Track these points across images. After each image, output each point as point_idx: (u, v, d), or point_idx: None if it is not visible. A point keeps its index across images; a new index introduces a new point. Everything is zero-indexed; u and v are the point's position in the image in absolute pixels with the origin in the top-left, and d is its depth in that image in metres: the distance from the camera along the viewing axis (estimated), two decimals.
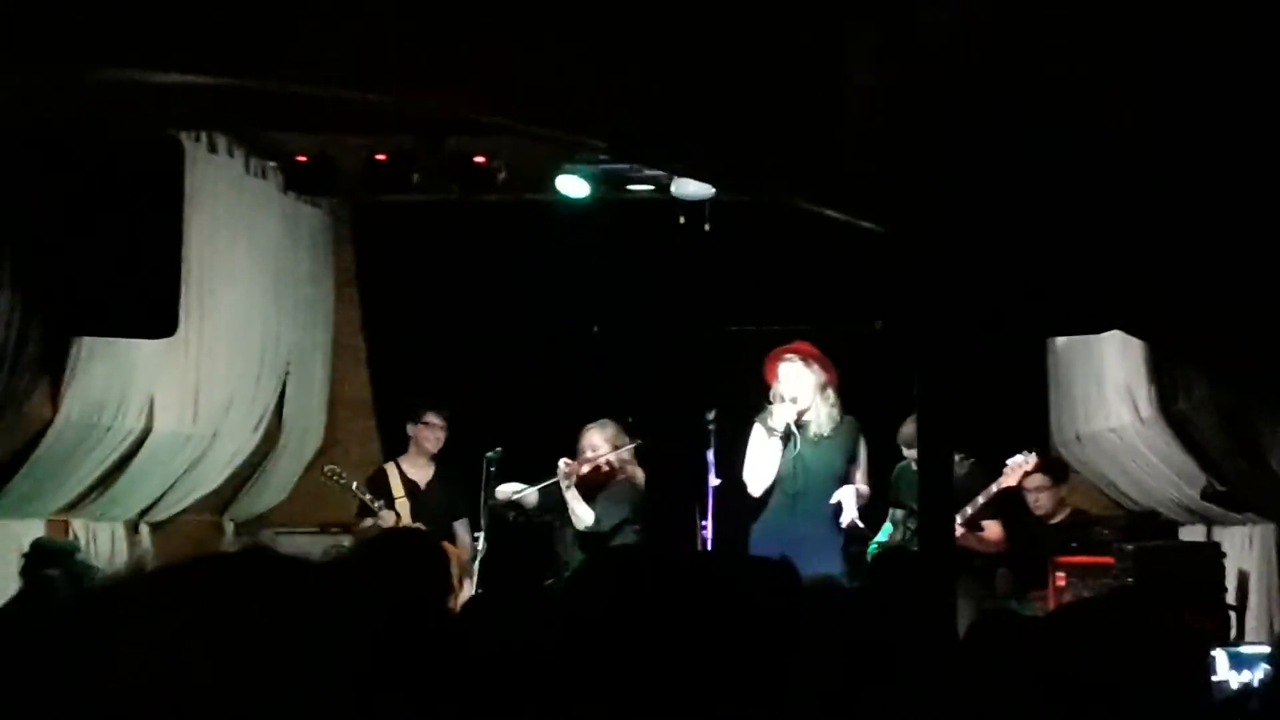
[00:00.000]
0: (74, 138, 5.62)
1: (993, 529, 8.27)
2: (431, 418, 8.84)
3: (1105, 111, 3.40)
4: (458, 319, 9.82)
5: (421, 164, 8.33)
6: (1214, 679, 5.86)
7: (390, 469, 8.84)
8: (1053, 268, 3.84)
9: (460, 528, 8.71)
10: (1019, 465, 8.18)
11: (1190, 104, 3.61)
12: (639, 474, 8.56)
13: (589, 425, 8.49)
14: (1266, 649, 7.05)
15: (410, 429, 8.87)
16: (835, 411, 8.03)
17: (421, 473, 8.85)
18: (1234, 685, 6.69)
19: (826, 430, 8.01)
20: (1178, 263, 3.74)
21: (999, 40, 3.39)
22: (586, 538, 8.29)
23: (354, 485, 8.65)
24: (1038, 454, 8.41)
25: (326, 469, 8.88)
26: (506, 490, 8.48)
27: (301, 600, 0.98)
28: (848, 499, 7.97)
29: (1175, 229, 3.70)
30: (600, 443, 8.42)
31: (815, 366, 8.04)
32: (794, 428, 7.97)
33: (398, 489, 8.72)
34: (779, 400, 7.99)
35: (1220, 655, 6.47)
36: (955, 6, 3.33)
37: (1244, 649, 6.97)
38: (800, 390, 7.98)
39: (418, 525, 8.48)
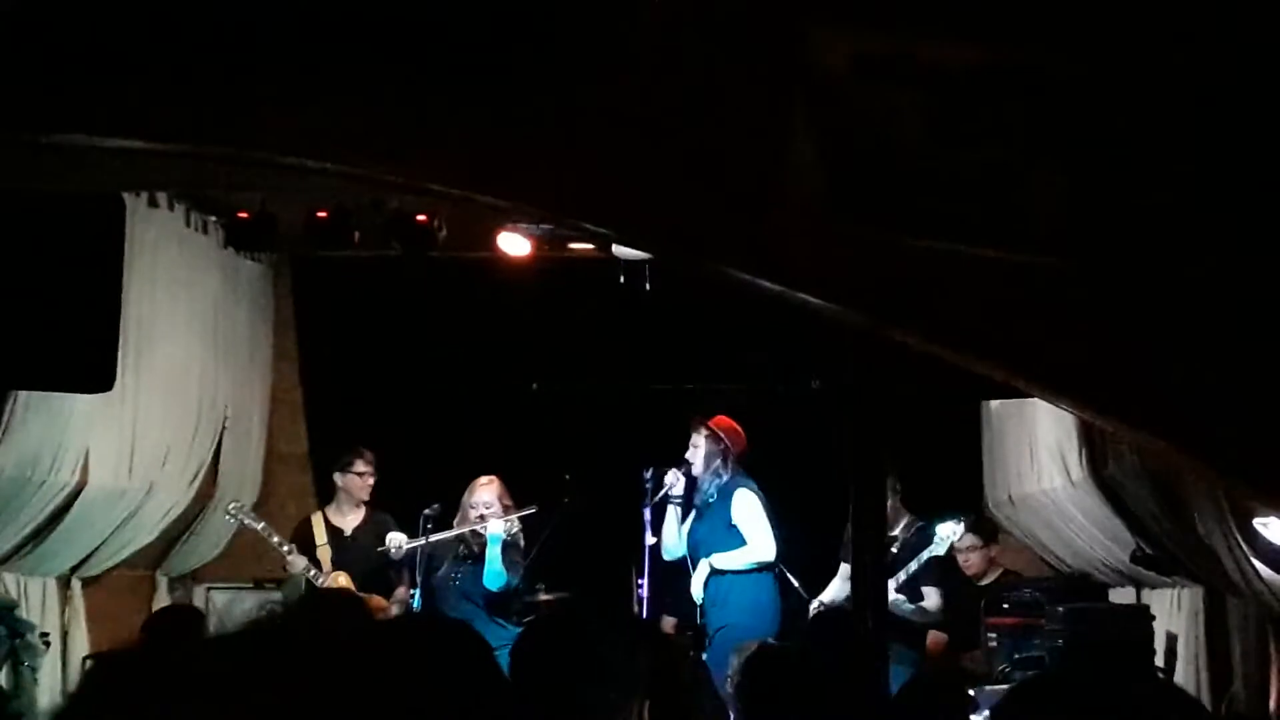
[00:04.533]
0: (13, 191, 5.61)
1: (931, 597, 8.36)
2: (360, 465, 8.74)
3: (1028, 190, 3.49)
4: (397, 375, 9.83)
5: (363, 221, 8.35)
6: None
7: (315, 518, 8.77)
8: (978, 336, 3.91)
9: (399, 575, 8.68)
10: (947, 536, 8.27)
11: (1110, 184, 3.71)
12: None
13: (480, 481, 8.50)
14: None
15: (339, 478, 8.78)
16: (721, 483, 8.26)
17: (349, 519, 8.76)
18: None
19: (713, 500, 8.27)
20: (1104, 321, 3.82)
21: (934, 120, 3.48)
22: (493, 596, 8.35)
23: (260, 525, 8.59)
24: (971, 516, 8.50)
25: (230, 506, 8.78)
26: (397, 539, 8.48)
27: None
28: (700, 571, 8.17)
29: (1103, 291, 3.79)
30: (493, 499, 8.44)
31: (711, 440, 8.24)
32: (675, 495, 8.31)
33: (320, 537, 8.63)
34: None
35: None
36: (891, 86, 3.43)
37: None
38: (694, 460, 8.35)
39: (339, 573, 8.48)
